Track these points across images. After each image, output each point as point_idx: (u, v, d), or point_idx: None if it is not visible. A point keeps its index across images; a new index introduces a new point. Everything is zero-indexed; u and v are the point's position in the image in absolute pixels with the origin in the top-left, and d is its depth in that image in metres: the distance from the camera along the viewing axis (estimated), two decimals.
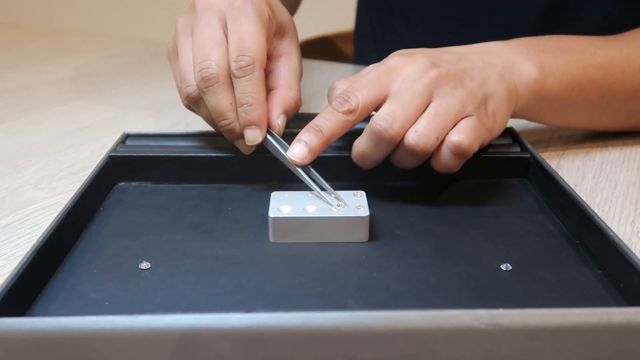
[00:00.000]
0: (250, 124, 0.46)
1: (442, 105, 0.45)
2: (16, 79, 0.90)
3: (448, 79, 0.47)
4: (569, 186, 0.44)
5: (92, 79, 0.89)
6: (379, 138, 0.44)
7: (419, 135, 0.44)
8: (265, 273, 0.38)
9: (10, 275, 0.33)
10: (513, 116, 0.54)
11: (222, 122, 0.47)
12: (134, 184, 0.50)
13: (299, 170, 0.45)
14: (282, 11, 0.53)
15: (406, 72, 0.47)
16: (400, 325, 0.29)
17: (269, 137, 0.47)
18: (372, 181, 0.50)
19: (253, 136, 0.47)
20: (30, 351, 0.28)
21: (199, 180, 0.50)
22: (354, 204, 0.42)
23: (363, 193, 0.44)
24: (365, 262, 0.39)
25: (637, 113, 0.60)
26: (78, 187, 0.44)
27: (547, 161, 0.49)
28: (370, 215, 0.42)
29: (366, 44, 0.97)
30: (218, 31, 0.48)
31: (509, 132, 0.55)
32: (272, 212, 0.41)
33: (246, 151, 0.48)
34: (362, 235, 0.41)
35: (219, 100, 0.46)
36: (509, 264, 0.39)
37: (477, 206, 0.46)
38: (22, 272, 0.34)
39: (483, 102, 0.48)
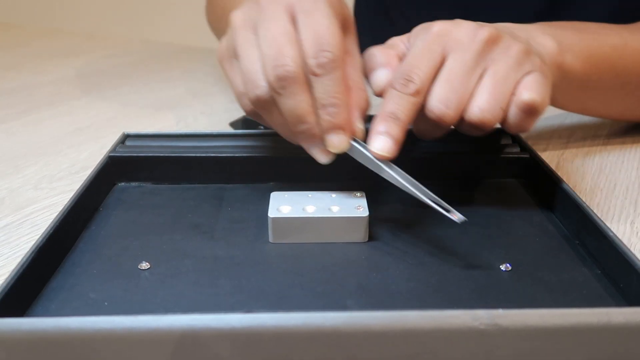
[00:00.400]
0: (335, 128, 0.41)
1: (500, 71, 0.43)
2: (16, 79, 0.90)
3: (498, 37, 0.44)
4: (569, 186, 0.44)
5: (92, 79, 0.90)
6: (438, 123, 0.43)
7: (482, 111, 0.42)
8: (265, 273, 0.38)
9: (9, 276, 0.33)
10: None
11: (301, 126, 0.41)
12: (133, 184, 0.50)
13: (396, 176, 0.41)
14: (345, 3, 0.47)
15: (456, 37, 0.44)
16: (400, 326, 0.29)
17: (352, 141, 0.42)
18: (372, 181, 0.50)
19: (339, 141, 0.41)
20: (30, 351, 0.28)
21: (198, 180, 0.50)
22: (354, 204, 0.42)
23: (363, 193, 0.44)
24: (365, 262, 0.39)
25: None
26: (78, 187, 0.44)
27: (547, 161, 0.49)
28: (370, 215, 0.42)
29: (363, 43, 0.97)
30: (289, 26, 0.42)
31: (508, 133, 0.54)
32: (272, 213, 0.41)
33: (325, 160, 0.43)
34: (362, 235, 0.41)
35: (299, 102, 0.41)
36: (508, 264, 0.39)
37: (477, 206, 0.46)
38: (22, 272, 0.34)
39: (538, 56, 0.45)
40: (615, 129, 0.66)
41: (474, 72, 0.43)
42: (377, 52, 0.47)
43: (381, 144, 0.41)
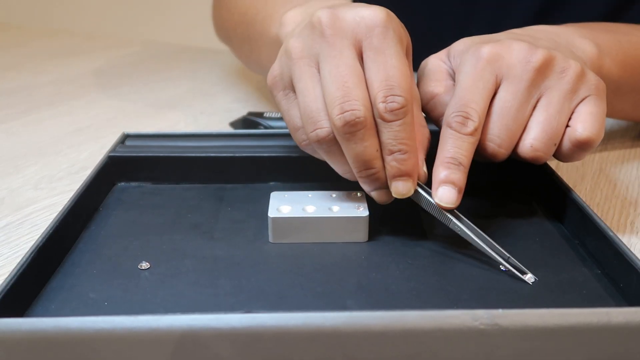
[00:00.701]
0: (402, 175, 0.39)
1: (554, 103, 0.42)
2: (16, 79, 0.90)
3: (552, 61, 0.42)
4: (569, 186, 0.44)
5: (92, 79, 0.90)
6: (489, 160, 0.43)
7: (534, 149, 0.41)
8: (265, 273, 0.38)
9: (9, 276, 0.33)
10: None
11: (366, 172, 0.40)
12: (133, 184, 0.50)
13: (464, 228, 0.39)
14: (405, 30, 0.43)
15: (509, 62, 0.42)
16: (400, 326, 0.29)
17: (417, 187, 0.41)
18: None
19: (405, 189, 0.40)
20: (29, 351, 0.28)
21: (198, 180, 0.50)
22: (354, 204, 0.42)
23: (363, 193, 0.44)
24: (365, 262, 0.39)
25: None
26: (78, 187, 0.44)
27: (547, 161, 0.49)
28: (370, 215, 0.41)
29: None
30: (356, 64, 0.39)
31: None
32: (272, 213, 0.41)
33: (385, 201, 0.41)
34: (362, 235, 0.41)
35: (366, 147, 0.39)
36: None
37: (476, 207, 0.46)
38: (22, 272, 0.34)
39: (590, 77, 0.43)
40: (615, 129, 0.66)
41: (528, 104, 0.42)
42: (430, 74, 0.46)
43: (445, 194, 0.40)
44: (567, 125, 0.42)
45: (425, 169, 0.41)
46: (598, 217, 0.40)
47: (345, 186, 0.49)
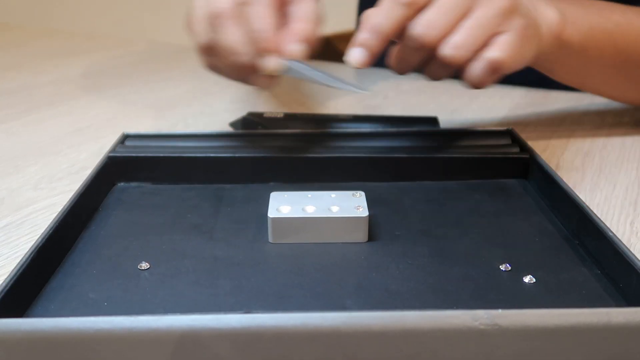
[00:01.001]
0: (265, 51, 0.43)
1: (481, 17, 0.45)
2: (16, 79, 0.90)
3: None
4: (568, 186, 0.44)
5: (92, 79, 0.90)
6: (418, 43, 0.45)
7: (454, 48, 0.44)
8: (265, 273, 0.38)
9: (9, 276, 0.33)
10: (533, 62, 0.54)
11: (235, 58, 0.44)
12: (133, 184, 0.50)
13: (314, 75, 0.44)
14: None
15: None
16: (400, 326, 0.29)
17: (289, 63, 0.44)
18: (372, 181, 0.50)
19: (272, 63, 0.43)
20: (29, 352, 0.28)
21: (198, 180, 0.50)
22: (353, 204, 0.42)
23: (362, 193, 0.44)
24: (365, 262, 0.39)
25: None
26: (77, 187, 0.44)
27: (547, 161, 0.49)
28: (370, 216, 0.41)
29: None
30: None
31: (508, 133, 0.55)
32: (272, 213, 0.41)
33: (266, 85, 0.45)
34: (361, 235, 0.41)
35: (230, 34, 0.43)
36: (508, 265, 0.39)
37: (477, 206, 0.46)
38: (22, 272, 0.34)
39: (525, 17, 0.47)
40: (615, 129, 0.66)
41: (460, 7, 0.45)
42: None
43: (355, 55, 0.44)
44: (484, 46, 0.45)
45: (298, 47, 0.45)
46: (598, 217, 0.40)
47: (345, 186, 0.49)
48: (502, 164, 0.51)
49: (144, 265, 0.39)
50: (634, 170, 0.56)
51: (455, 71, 0.47)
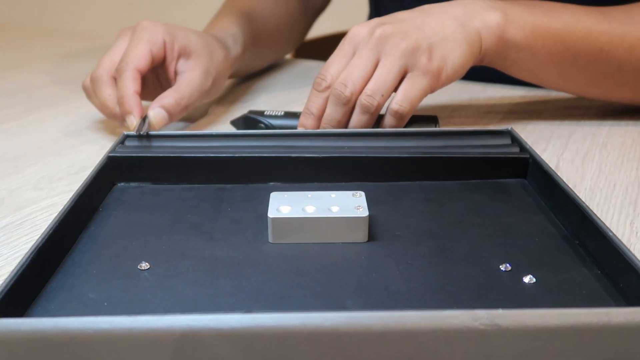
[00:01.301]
0: (126, 113, 0.58)
1: (386, 65, 0.55)
2: (16, 79, 0.90)
3: (393, 34, 0.56)
4: (568, 186, 0.44)
5: None
6: (338, 100, 0.56)
7: (367, 96, 0.55)
8: (265, 273, 0.38)
9: (9, 276, 0.33)
10: (480, 62, 0.60)
11: (105, 111, 0.61)
12: (133, 184, 0.50)
13: None
14: (188, 37, 0.65)
15: (360, 35, 0.57)
16: (400, 326, 0.29)
17: (141, 120, 0.57)
18: (372, 181, 0.50)
19: (129, 122, 0.58)
20: (29, 352, 0.28)
21: (198, 180, 0.50)
22: (353, 204, 0.42)
23: (362, 193, 0.44)
24: (365, 262, 0.39)
25: (606, 77, 0.63)
26: (77, 187, 0.44)
27: (546, 161, 0.49)
28: (370, 216, 0.41)
29: None
30: (123, 45, 0.63)
31: (508, 133, 0.55)
32: (272, 213, 0.41)
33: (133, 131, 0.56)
34: (361, 235, 0.41)
35: (101, 96, 0.61)
36: (508, 265, 0.39)
37: (476, 206, 0.46)
38: (22, 272, 0.34)
39: (428, 50, 0.56)
40: (615, 128, 0.66)
41: (368, 62, 0.56)
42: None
43: (306, 126, 0.58)
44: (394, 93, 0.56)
45: (152, 115, 0.59)
46: (598, 217, 0.40)
47: (345, 186, 0.49)
48: (502, 164, 0.51)
49: (144, 265, 0.39)
50: (633, 170, 0.56)
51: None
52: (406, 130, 0.54)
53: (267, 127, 0.61)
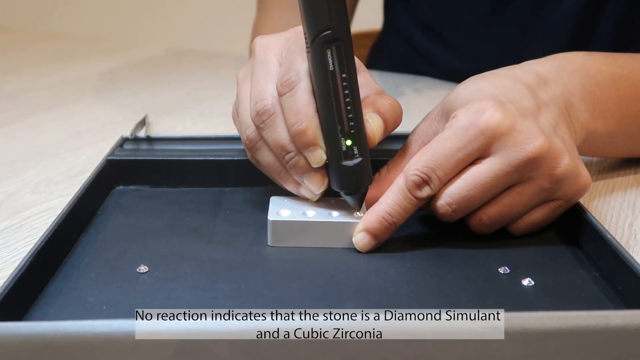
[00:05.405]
0: (306, 145, 0.40)
1: (526, 195, 0.41)
2: (15, 82, 0.90)
3: (548, 153, 0.40)
4: None
5: (91, 82, 0.90)
6: (437, 214, 0.41)
7: (482, 225, 0.41)
8: (264, 277, 0.38)
9: (7, 280, 0.33)
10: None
11: (285, 156, 0.41)
12: (132, 187, 0.50)
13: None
14: None
15: (505, 142, 0.39)
16: (399, 329, 0.29)
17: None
18: None
19: (316, 157, 0.40)
20: (28, 355, 0.28)
21: (197, 184, 0.50)
22: (353, 209, 0.42)
23: None
24: (364, 266, 0.39)
25: None
26: (76, 190, 0.44)
27: None
28: None
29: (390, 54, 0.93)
30: (275, 67, 0.43)
31: None
32: (271, 216, 0.41)
33: (318, 191, 0.42)
34: None
35: (279, 132, 0.40)
36: (506, 267, 0.39)
37: None
38: (20, 276, 0.34)
39: (570, 182, 0.41)
40: None
41: (503, 186, 0.40)
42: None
43: (362, 241, 0.40)
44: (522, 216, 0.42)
45: (373, 122, 0.41)
46: (596, 220, 0.40)
47: None
48: None
49: (143, 268, 0.39)
50: (632, 173, 0.56)
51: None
52: (406, 131, 0.54)
53: None
